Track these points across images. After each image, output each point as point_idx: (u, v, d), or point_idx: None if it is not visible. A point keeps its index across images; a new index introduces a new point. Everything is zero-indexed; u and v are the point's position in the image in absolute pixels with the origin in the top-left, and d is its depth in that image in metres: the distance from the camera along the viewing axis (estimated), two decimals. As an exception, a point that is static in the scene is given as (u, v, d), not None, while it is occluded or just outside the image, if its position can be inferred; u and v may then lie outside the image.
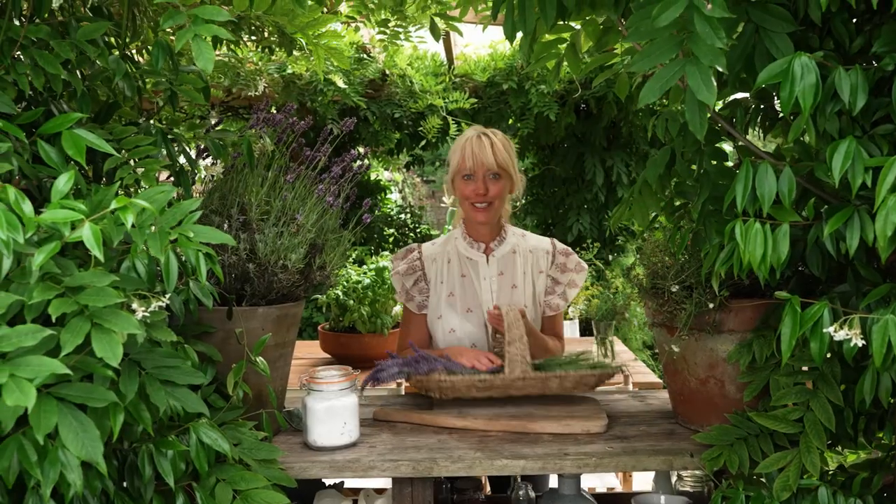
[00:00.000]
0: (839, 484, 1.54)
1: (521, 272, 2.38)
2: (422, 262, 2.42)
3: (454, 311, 2.34)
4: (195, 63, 1.23)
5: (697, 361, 1.80)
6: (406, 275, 2.40)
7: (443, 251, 2.42)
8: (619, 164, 5.92)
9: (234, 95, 5.08)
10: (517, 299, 2.35)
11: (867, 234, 1.31)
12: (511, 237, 2.42)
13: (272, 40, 2.48)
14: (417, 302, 2.40)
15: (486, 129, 2.33)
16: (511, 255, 2.39)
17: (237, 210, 1.79)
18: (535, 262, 2.39)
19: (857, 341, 1.29)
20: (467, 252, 2.39)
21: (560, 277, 2.39)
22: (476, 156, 2.25)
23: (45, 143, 1.34)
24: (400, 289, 2.42)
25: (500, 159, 2.26)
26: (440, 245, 2.46)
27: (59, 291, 1.14)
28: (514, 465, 1.69)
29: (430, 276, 2.40)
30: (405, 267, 2.41)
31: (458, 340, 2.33)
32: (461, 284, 2.37)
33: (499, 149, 2.27)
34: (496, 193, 2.29)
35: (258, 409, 1.77)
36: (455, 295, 2.36)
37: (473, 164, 2.26)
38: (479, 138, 2.28)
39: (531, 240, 2.45)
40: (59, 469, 1.13)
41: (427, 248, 2.45)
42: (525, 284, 2.37)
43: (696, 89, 1.21)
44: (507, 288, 2.36)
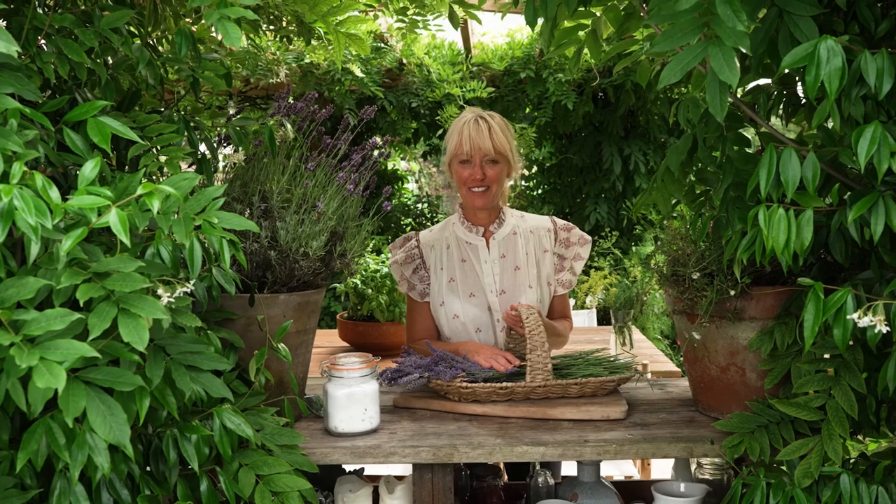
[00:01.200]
0: (861, 472, 1.54)
1: (524, 253, 2.36)
2: (420, 250, 2.41)
3: (456, 297, 2.34)
4: (217, 47, 1.23)
5: (718, 349, 1.79)
6: (405, 263, 2.39)
7: (441, 237, 2.41)
8: (636, 153, 5.90)
9: (252, 85, 5.10)
10: (521, 280, 2.33)
11: (892, 219, 1.30)
12: (510, 219, 2.40)
13: (290, 29, 2.49)
14: (419, 290, 2.40)
15: (484, 112, 2.30)
16: (511, 236, 2.38)
17: (259, 198, 1.80)
18: (537, 242, 2.38)
19: (881, 328, 1.28)
20: (466, 237, 2.38)
21: (565, 253, 2.39)
22: (473, 140, 2.23)
23: (70, 131, 1.35)
24: (400, 278, 2.41)
25: (498, 144, 2.24)
26: (438, 231, 2.45)
27: (86, 277, 1.15)
28: (533, 452, 1.70)
29: (429, 263, 2.39)
30: (403, 256, 2.40)
31: (463, 325, 2.33)
32: (462, 269, 2.36)
33: (496, 133, 2.24)
34: (494, 178, 2.27)
35: (280, 396, 1.78)
36: (456, 280, 2.35)
37: (470, 148, 2.24)
38: (477, 122, 2.25)
39: (530, 220, 2.43)
40: (87, 452, 1.15)
41: (425, 236, 2.45)
42: (528, 266, 2.35)
43: (718, 70, 1.20)
44: (510, 270, 2.35)
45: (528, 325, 1.93)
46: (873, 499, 1.48)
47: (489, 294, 2.33)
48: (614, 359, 2.09)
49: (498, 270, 2.35)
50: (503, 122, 2.30)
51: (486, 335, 2.33)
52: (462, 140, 2.25)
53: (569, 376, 1.98)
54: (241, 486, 1.49)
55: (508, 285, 2.33)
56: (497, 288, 2.34)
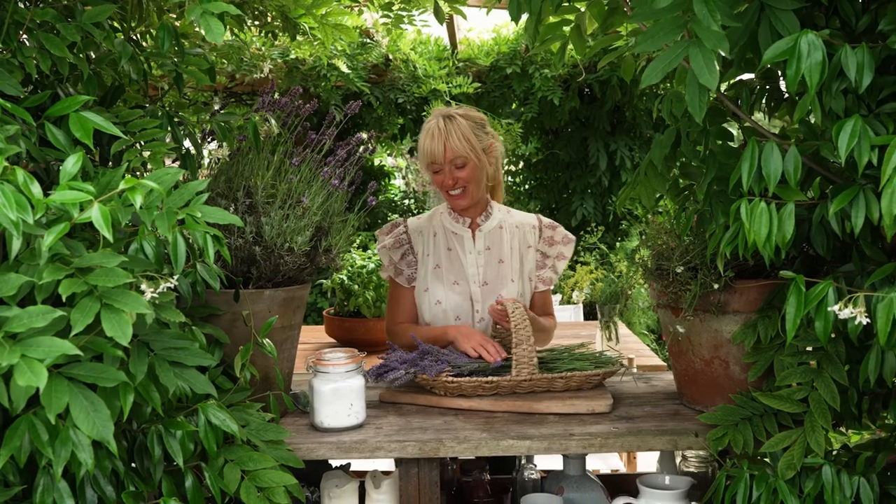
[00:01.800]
0: (843, 463, 1.55)
1: (508, 247, 2.39)
2: (408, 236, 2.43)
3: (440, 283, 2.36)
4: (201, 42, 1.23)
5: (702, 342, 1.80)
6: (393, 248, 2.41)
7: (429, 225, 2.44)
8: (622, 149, 5.91)
9: (237, 81, 5.08)
10: (504, 273, 2.36)
11: (872, 212, 1.31)
12: (497, 213, 2.43)
13: (275, 25, 2.48)
14: (407, 275, 2.42)
15: (446, 114, 2.30)
16: (497, 230, 2.41)
17: (243, 193, 1.79)
18: (522, 237, 2.41)
19: (861, 319, 1.29)
20: (453, 227, 2.41)
21: (548, 251, 2.42)
22: (434, 151, 2.25)
23: (52, 126, 1.34)
24: (388, 262, 2.42)
25: (458, 149, 2.24)
26: (426, 219, 2.47)
27: (68, 272, 1.14)
28: (519, 446, 1.71)
29: (416, 248, 2.42)
30: (392, 241, 2.42)
31: (444, 312, 2.35)
32: (447, 257, 2.39)
33: (455, 138, 2.24)
34: (466, 178, 2.29)
35: (265, 392, 1.78)
36: (441, 267, 2.38)
37: (433, 159, 2.27)
38: (437, 130, 2.25)
39: (517, 216, 2.46)
40: (71, 448, 1.15)
41: (413, 222, 2.47)
42: (512, 259, 2.39)
43: (698, 72, 1.21)
44: (493, 263, 2.38)
45: (513, 320, 1.93)
46: (855, 490, 1.49)
47: (472, 284, 2.36)
48: (600, 353, 2.10)
49: (482, 262, 2.37)
50: (464, 122, 2.28)
51: (464, 323, 2.35)
52: (426, 152, 2.27)
53: (554, 370, 1.99)
54: (227, 481, 1.49)
55: (491, 277, 2.36)
56: (480, 279, 2.36)
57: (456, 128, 2.26)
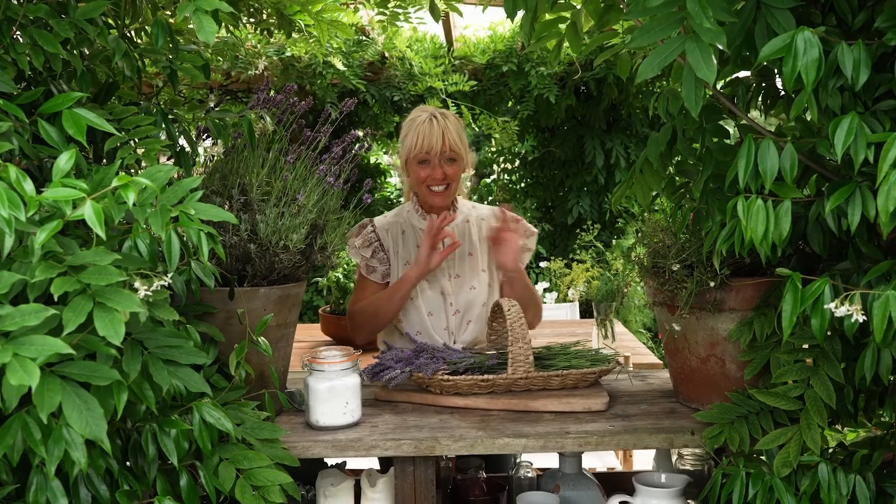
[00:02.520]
0: (839, 461, 1.55)
1: (477, 239, 2.46)
2: (377, 234, 2.47)
3: None
4: (197, 36, 1.22)
5: (698, 340, 1.80)
6: (363, 247, 2.45)
7: (395, 222, 2.48)
8: (618, 147, 5.91)
9: (232, 79, 5.06)
10: (474, 266, 2.43)
11: (868, 210, 1.31)
12: (463, 208, 2.50)
13: (271, 22, 2.47)
14: (381, 272, 2.46)
15: (437, 110, 2.34)
16: (465, 224, 2.47)
17: (238, 191, 1.78)
18: (488, 228, 2.44)
19: (857, 317, 1.29)
20: (420, 224, 2.45)
21: None
22: (430, 141, 2.27)
23: (45, 123, 1.33)
24: (360, 261, 2.46)
25: (454, 143, 2.29)
26: (392, 217, 2.52)
27: (61, 270, 1.14)
28: (515, 444, 1.70)
29: (386, 245, 2.46)
30: (361, 241, 2.46)
31: (416, 308, 2.39)
32: (416, 255, 2.40)
33: (451, 133, 2.28)
34: (453, 176, 2.34)
35: (260, 390, 1.77)
36: (411, 263, 2.41)
37: (428, 149, 2.28)
38: (432, 122, 2.29)
39: (482, 209, 2.54)
40: (64, 447, 1.14)
41: (379, 221, 2.51)
42: (481, 251, 2.46)
43: (695, 66, 1.20)
44: (464, 256, 2.44)
45: (509, 318, 1.93)
46: (851, 488, 1.49)
47: (442, 279, 2.41)
48: (596, 351, 2.10)
49: (454, 256, 2.42)
50: (457, 120, 2.35)
51: (437, 318, 2.41)
52: (419, 141, 2.29)
53: (550, 368, 1.98)
54: (222, 480, 1.48)
55: (462, 270, 2.44)
56: (452, 273, 2.43)
57: (451, 124, 2.31)
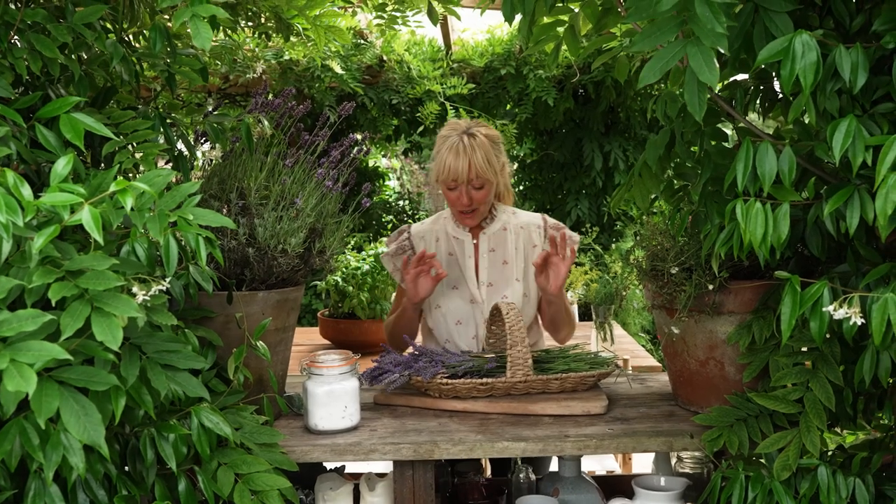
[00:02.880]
0: (838, 464, 1.55)
1: (513, 248, 2.41)
2: (411, 242, 2.47)
3: (440, 288, 2.38)
4: (193, 43, 1.22)
5: (697, 343, 1.80)
6: (395, 255, 2.45)
7: (431, 229, 2.47)
8: (616, 150, 5.91)
9: (231, 83, 5.06)
10: (508, 275, 2.38)
11: (867, 212, 1.31)
12: (501, 215, 2.45)
13: (269, 26, 2.47)
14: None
15: (468, 131, 2.26)
16: (502, 231, 2.42)
17: (236, 195, 1.78)
18: (527, 237, 2.42)
19: (856, 320, 1.29)
20: (454, 232, 2.43)
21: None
22: (455, 169, 2.23)
23: (43, 128, 1.33)
24: (392, 269, 2.46)
25: (481, 170, 2.23)
26: (429, 223, 2.51)
27: (59, 275, 1.13)
28: (514, 448, 1.70)
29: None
30: (395, 247, 2.46)
31: (443, 316, 2.38)
32: (448, 262, 2.41)
33: (478, 159, 2.22)
34: (480, 200, 2.30)
35: (259, 394, 1.77)
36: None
37: (455, 177, 2.25)
38: (460, 145, 2.23)
39: (522, 216, 2.47)
40: (62, 452, 1.14)
41: (416, 228, 2.50)
42: (517, 260, 2.40)
43: (697, 70, 1.20)
44: (498, 264, 2.40)
45: (508, 321, 1.93)
46: (850, 491, 1.49)
47: (472, 287, 2.37)
48: (595, 354, 2.10)
49: (486, 264, 2.39)
50: (486, 141, 2.26)
51: (465, 327, 2.38)
52: (446, 168, 2.25)
53: (549, 372, 1.98)
54: (220, 485, 1.48)
55: (496, 278, 2.39)
56: (484, 280, 2.38)
57: (480, 147, 2.23)
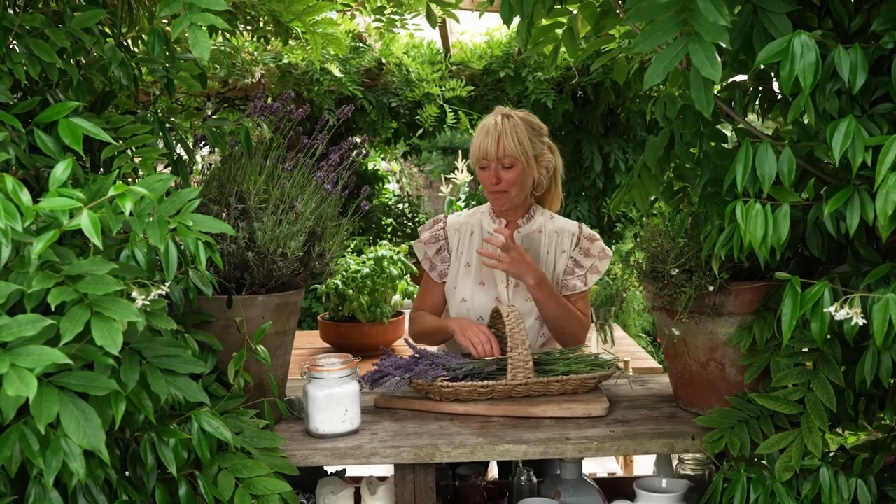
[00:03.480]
0: (840, 465, 1.55)
1: (545, 251, 2.39)
2: (445, 232, 2.45)
3: (468, 282, 2.37)
4: (191, 51, 1.22)
5: (698, 344, 1.80)
6: (429, 243, 2.44)
7: (467, 222, 2.46)
8: (616, 151, 5.91)
9: (230, 87, 5.06)
10: None
11: (867, 213, 1.31)
12: (539, 217, 2.43)
13: (268, 30, 2.47)
14: (439, 270, 2.43)
15: (510, 111, 2.30)
16: (537, 234, 2.40)
17: (235, 199, 1.78)
18: (559, 241, 2.40)
19: (857, 320, 1.29)
20: (489, 226, 2.42)
21: (583, 261, 2.39)
22: (485, 147, 2.25)
23: (41, 132, 1.33)
24: (423, 256, 2.45)
25: (510, 150, 2.23)
26: (466, 216, 2.49)
27: (58, 280, 1.13)
28: (515, 450, 1.70)
29: (452, 245, 2.43)
30: (429, 235, 2.45)
31: (468, 310, 2.36)
32: (478, 257, 2.38)
33: (508, 138, 2.23)
34: (510, 181, 2.28)
35: (259, 398, 1.77)
36: (471, 266, 2.39)
37: (484, 154, 2.26)
38: (493, 124, 2.26)
39: (559, 221, 2.45)
40: (62, 458, 1.13)
41: (452, 219, 2.49)
42: (547, 263, 2.39)
43: (700, 66, 1.20)
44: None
45: (508, 323, 1.92)
46: (852, 492, 1.49)
47: (499, 284, 2.36)
48: (595, 356, 2.09)
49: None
50: (522, 123, 2.28)
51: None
52: (479, 146, 2.27)
53: (550, 374, 1.98)
54: (221, 489, 1.48)
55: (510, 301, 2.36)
56: (511, 280, 2.36)
57: (512, 127, 2.25)
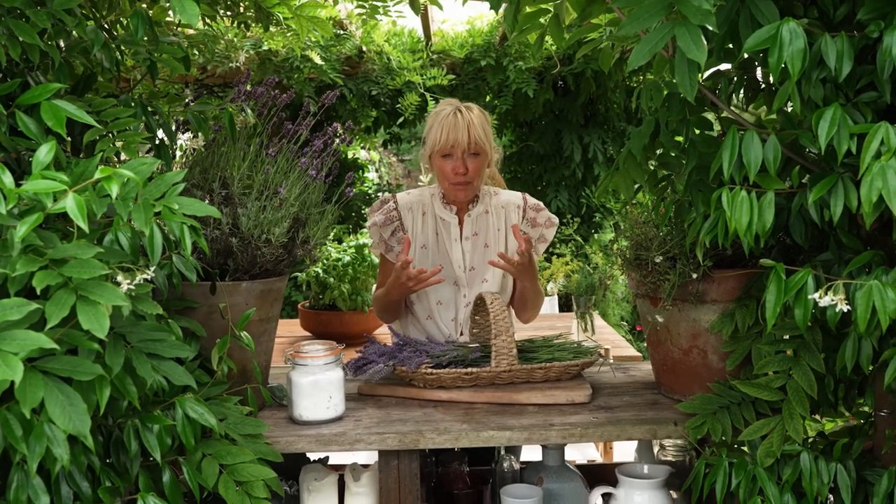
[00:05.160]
0: (819, 450, 1.57)
1: (494, 230, 2.41)
2: (398, 212, 2.43)
3: (426, 264, 2.37)
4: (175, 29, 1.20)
5: (681, 332, 1.81)
6: (384, 226, 2.41)
7: (419, 201, 2.44)
8: (595, 142, 5.93)
9: (208, 73, 5.01)
10: (489, 258, 2.36)
11: (851, 200, 1.32)
12: (485, 197, 2.44)
13: (248, 15, 2.44)
14: (397, 251, 2.41)
15: (462, 104, 2.31)
16: (484, 214, 2.42)
17: (219, 184, 1.77)
18: (506, 216, 2.42)
19: (842, 307, 1.31)
20: (441, 213, 2.41)
21: (531, 232, 2.41)
22: (454, 135, 2.24)
23: (23, 115, 1.31)
24: (378, 240, 2.42)
25: (477, 137, 2.25)
26: (416, 195, 2.47)
27: (42, 263, 1.12)
28: (500, 437, 1.70)
29: (406, 225, 2.42)
30: (382, 218, 2.42)
31: (426, 294, 2.37)
32: (435, 242, 2.40)
33: (476, 127, 2.25)
34: (475, 171, 2.29)
35: (242, 385, 1.76)
36: (427, 248, 2.39)
37: (453, 143, 2.25)
38: (456, 115, 2.26)
39: (503, 196, 2.46)
40: (46, 444, 1.12)
41: (402, 198, 2.46)
42: (497, 242, 2.40)
43: (686, 49, 1.21)
44: (480, 248, 2.40)
45: (492, 311, 1.93)
46: (832, 476, 1.51)
47: (457, 269, 2.37)
48: (577, 344, 2.10)
49: (469, 248, 2.39)
50: (481, 114, 2.31)
51: (446, 308, 2.39)
52: (443, 135, 2.25)
53: (533, 361, 1.99)
54: (205, 476, 1.47)
55: (477, 262, 2.39)
56: (466, 264, 2.38)
57: (477, 117, 2.27)
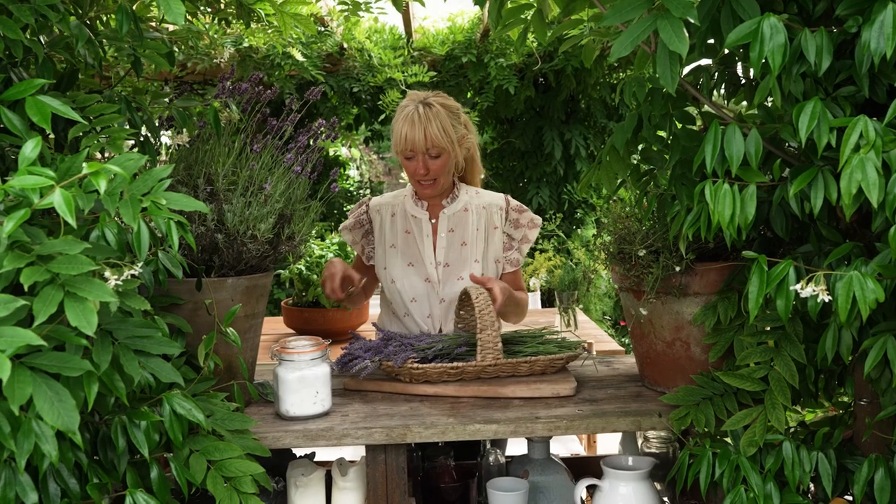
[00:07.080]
0: (801, 439, 1.60)
1: (474, 229, 2.40)
2: (368, 216, 2.48)
3: (396, 264, 2.40)
4: (159, 26, 1.20)
5: (664, 324, 1.83)
6: (354, 229, 2.47)
7: (389, 203, 2.47)
8: (577, 138, 5.96)
9: (189, 70, 4.99)
10: (466, 256, 2.38)
11: (831, 193, 1.34)
12: (464, 195, 2.44)
13: (229, 12, 2.44)
14: (367, 253, 2.48)
15: (426, 98, 2.27)
16: (463, 212, 2.41)
17: (204, 180, 1.76)
18: (488, 217, 2.42)
19: (823, 297, 1.33)
20: (412, 210, 2.43)
21: (514, 233, 2.43)
22: (412, 138, 2.22)
23: (7, 110, 1.30)
24: (351, 241, 2.49)
25: (435, 139, 2.21)
26: (389, 197, 2.51)
27: (29, 260, 1.11)
28: (486, 430, 1.71)
29: (374, 226, 2.46)
30: (352, 221, 2.48)
31: (399, 292, 2.39)
32: (405, 240, 2.41)
33: (433, 129, 2.21)
34: (438, 170, 2.29)
35: (229, 381, 1.76)
36: (397, 247, 2.41)
37: (410, 146, 2.24)
38: (416, 114, 2.22)
39: (485, 196, 2.46)
40: (34, 440, 1.12)
41: (375, 200, 2.51)
42: (476, 241, 2.40)
43: (668, 41, 1.23)
44: (456, 245, 2.39)
45: (477, 305, 1.94)
46: (814, 464, 1.54)
47: (429, 266, 2.38)
48: (561, 338, 2.12)
49: (444, 244, 2.39)
50: (443, 109, 2.26)
51: (420, 305, 2.39)
52: (403, 137, 2.24)
53: (518, 355, 2.00)
54: (193, 472, 1.47)
55: (453, 259, 2.39)
56: (441, 261, 2.39)
57: (435, 116, 2.23)
